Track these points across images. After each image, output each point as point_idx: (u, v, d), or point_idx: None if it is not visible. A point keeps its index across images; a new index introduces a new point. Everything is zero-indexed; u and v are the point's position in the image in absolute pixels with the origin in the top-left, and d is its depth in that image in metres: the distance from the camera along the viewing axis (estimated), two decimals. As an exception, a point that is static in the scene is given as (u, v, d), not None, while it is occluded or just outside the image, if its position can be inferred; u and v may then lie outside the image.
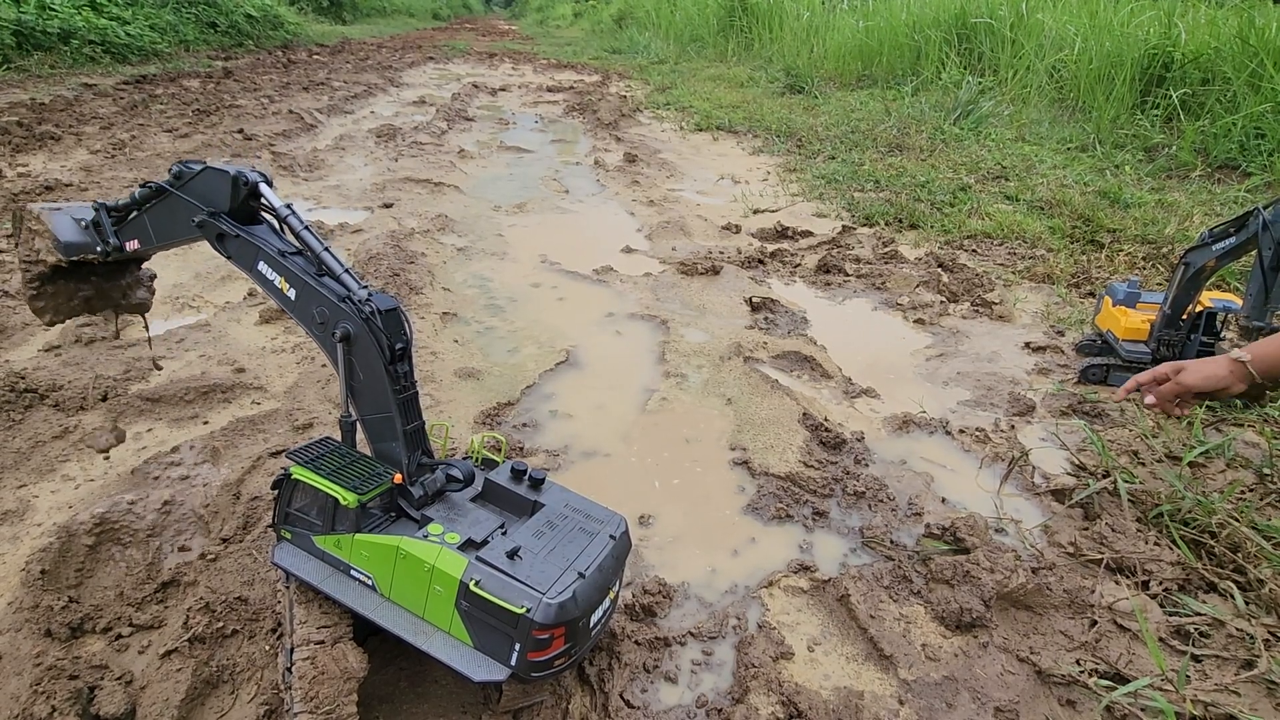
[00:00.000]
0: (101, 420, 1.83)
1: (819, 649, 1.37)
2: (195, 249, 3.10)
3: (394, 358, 1.14)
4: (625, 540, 1.20)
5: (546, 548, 1.10)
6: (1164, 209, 4.16)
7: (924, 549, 1.62)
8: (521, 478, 1.23)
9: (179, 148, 4.54)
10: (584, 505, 1.23)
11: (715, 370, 2.42)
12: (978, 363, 2.61)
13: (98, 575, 1.39)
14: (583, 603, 1.05)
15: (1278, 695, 1.23)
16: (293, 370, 2.17)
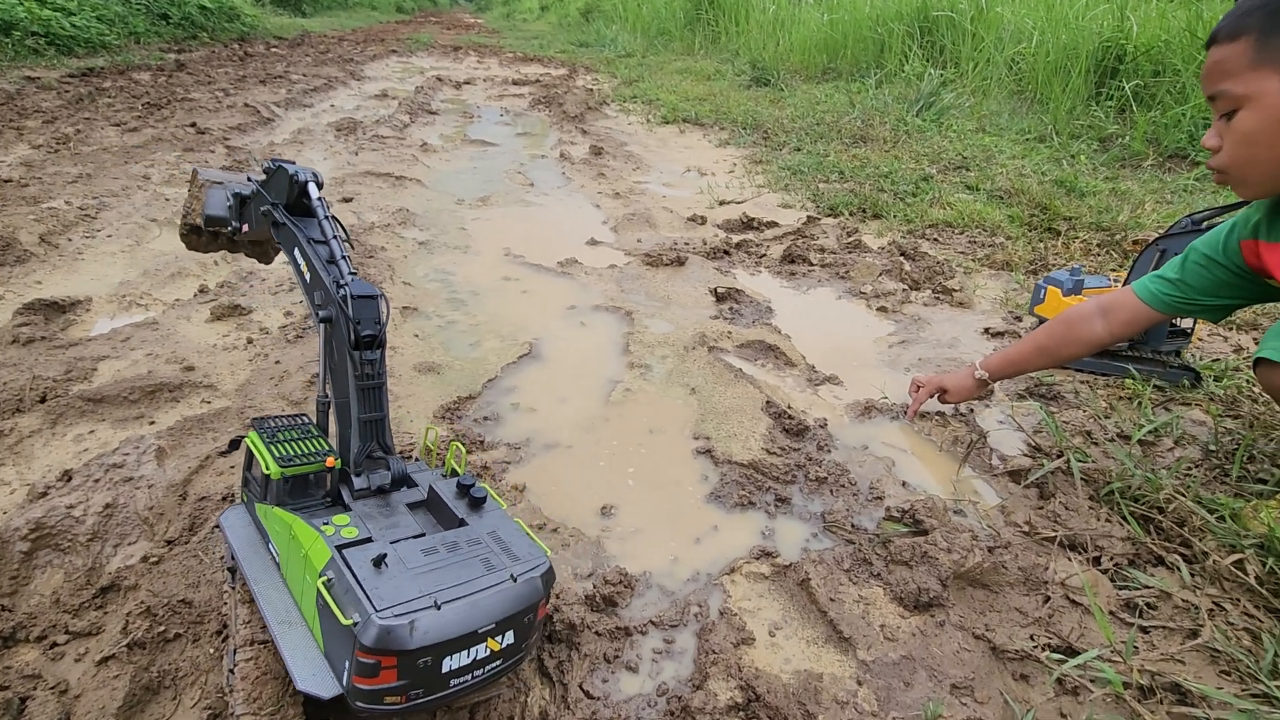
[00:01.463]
0: (39, 423, 1.76)
1: (780, 633, 1.38)
2: (142, 245, 3.00)
3: (360, 343, 1.14)
4: (533, 587, 1.01)
5: (425, 567, 0.99)
6: (1117, 197, 4.27)
7: (884, 532, 1.63)
8: (464, 493, 1.15)
9: (127, 142, 4.38)
10: (512, 537, 1.09)
11: (679, 360, 2.41)
12: (938, 349, 2.64)
13: (34, 582, 1.33)
14: (425, 637, 0.90)
15: (1220, 662, 1.27)
16: (245, 367, 2.11)
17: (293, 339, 2.27)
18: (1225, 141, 1.29)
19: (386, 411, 1.19)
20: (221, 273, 2.80)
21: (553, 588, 1.09)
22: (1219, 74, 1.26)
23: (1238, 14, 1.22)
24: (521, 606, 0.99)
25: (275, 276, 2.76)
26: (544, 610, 1.06)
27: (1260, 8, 1.19)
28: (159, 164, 4.04)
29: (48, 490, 1.47)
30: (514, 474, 1.80)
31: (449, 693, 0.96)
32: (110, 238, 3.01)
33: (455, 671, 0.94)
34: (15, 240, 2.71)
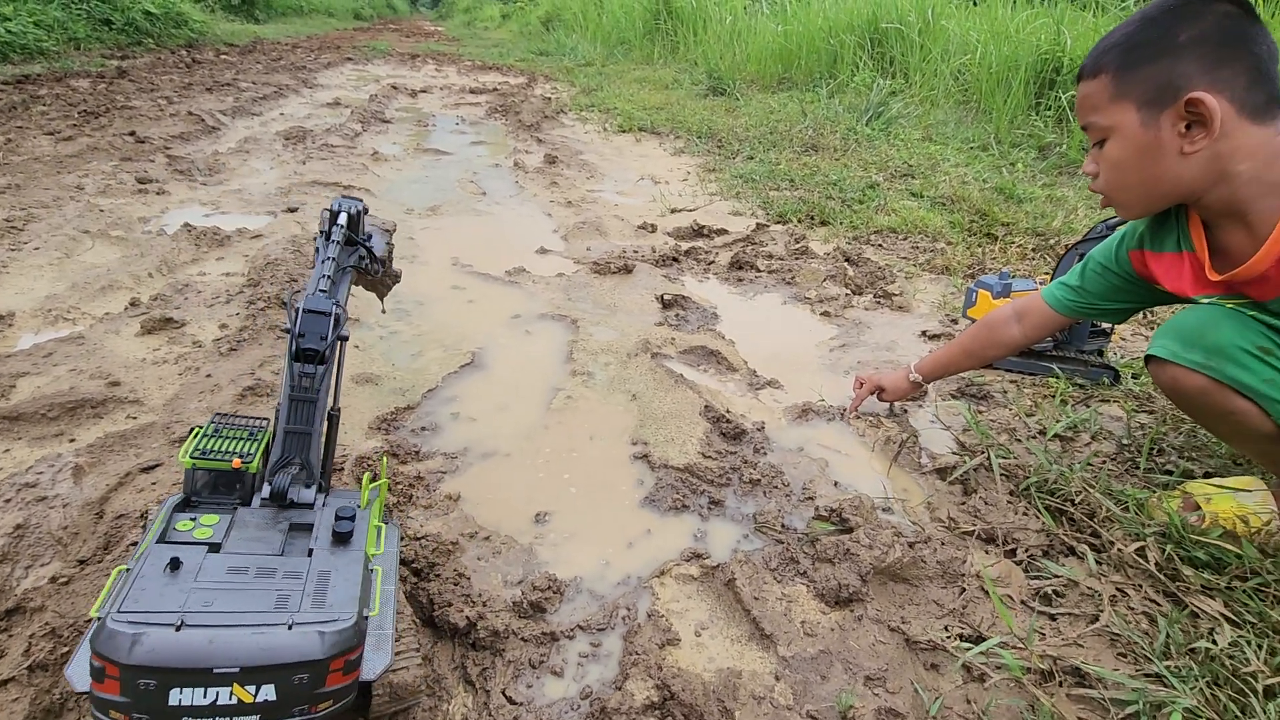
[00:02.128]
0: (-50, 442, 1.70)
1: (705, 633, 1.40)
2: (72, 258, 2.92)
3: (299, 355, 1.16)
4: (309, 642, 0.88)
5: (216, 585, 0.93)
6: (1053, 203, 4.44)
7: (812, 531, 1.67)
8: (338, 521, 1.08)
9: (60, 151, 4.25)
10: (341, 584, 0.98)
11: (622, 367, 2.43)
12: (877, 352, 2.71)
13: (-64, 608, 1.29)
14: (147, 655, 0.82)
15: (1119, 645, 1.33)
16: (174, 382, 2.07)
17: (226, 352, 2.23)
18: (1100, 168, 1.39)
19: (316, 429, 1.18)
20: (156, 285, 2.73)
21: (354, 652, 0.91)
22: (1087, 107, 1.36)
23: (1097, 52, 1.32)
24: (285, 659, 0.86)
25: (212, 288, 2.71)
26: (340, 677, 0.90)
27: (1115, 46, 1.29)
28: (94, 174, 3.93)
29: (-46, 512, 1.42)
30: (449, 483, 1.80)
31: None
32: (38, 250, 2.92)
33: (189, 709, 0.84)
34: (-66, 253, 2.62)
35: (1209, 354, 1.38)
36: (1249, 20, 1.23)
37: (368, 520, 1.13)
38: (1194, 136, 1.25)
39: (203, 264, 2.98)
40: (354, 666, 0.93)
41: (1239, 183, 1.26)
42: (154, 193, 3.82)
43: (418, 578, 1.42)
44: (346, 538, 1.07)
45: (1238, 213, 1.30)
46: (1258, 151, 1.23)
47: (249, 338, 2.31)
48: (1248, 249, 1.30)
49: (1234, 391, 1.37)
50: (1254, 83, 1.22)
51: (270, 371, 2.12)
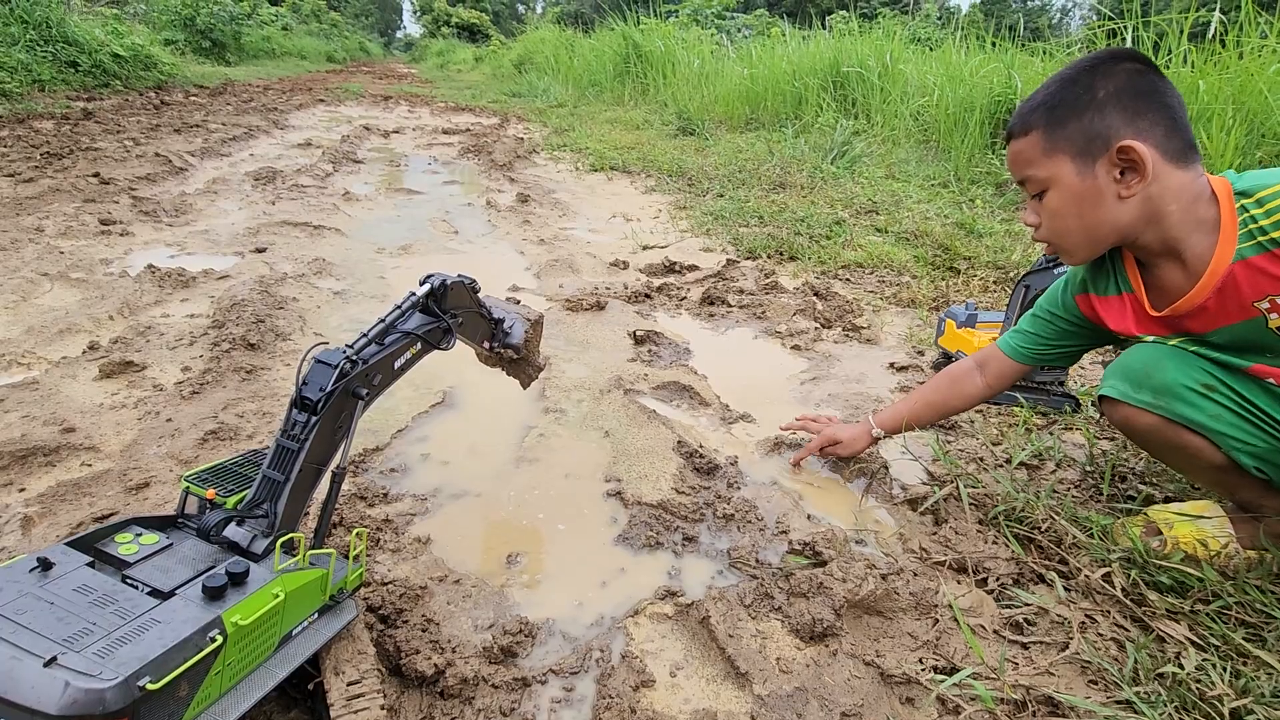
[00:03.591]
0: (-110, 495, 1.62)
1: (680, 673, 1.38)
2: (29, 301, 2.85)
3: (296, 401, 1.16)
4: (55, 690, 0.78)
5: (47, 596, 0.90)
6: (1011, 237, 4.59)
7: (786, 565, 1.67)
8: (213, 576, 0.99)
9: (20, 193, 4.18)
10: (158, 637, 0.88)
11: (595, 404, 2.43)
12: (847, 384, 2.75)
13: None
14: None
15: (1089, 672, 1.34)
16: (133, 427, 2.01)
17: (188, 395, 2.18)
18: (1042, 218, 1.46)
19: (289, 478, 1.15)
20: (116, 328, 2.67)
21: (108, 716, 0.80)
22: (1022, 163, 1.44)
23: (1024, 112, 1.41)
24: (17, 699, 0.78)
25: (175, 330, 2.66)
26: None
27: (1040, 105, 1.39)
28: (55, 215, 3.86)
29: (-110, 569, 1.35)
30: (419, 525, 1.76)
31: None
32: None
33: None
34: (-119, 298, 2.53)
35: (1157, 394, 1.44)
36: (1155, 74, 1.34)
37: (264, 586, 1.01)
38: (1129, 182, 1.33)
39: (166, 305, 2.93)
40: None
41: (1170, 222, 1.34)
42: (117, 234, 3.77)
43: (384, 624, 1.38)
44: (219, 593, 0.96)
45: (1172, 250, 1.37)
46: (1183, 193, 1.32)
47: (212, 380, 2.27)
48: (1183, 284, 1.37)
49: (1184, 428, 1.43)
50: (1171, 130, 1.31)
51: (234, 415, 2.08)
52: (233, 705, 0.95)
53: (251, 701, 0.97)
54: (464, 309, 1.59)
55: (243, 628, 0.95)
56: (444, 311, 1.49)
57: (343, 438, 1.24)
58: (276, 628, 1.03)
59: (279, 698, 1.19)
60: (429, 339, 1.44)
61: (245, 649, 0.97)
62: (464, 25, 39.27)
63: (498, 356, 1.91)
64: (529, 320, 1.87)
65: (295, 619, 1.07)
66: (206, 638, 0.92)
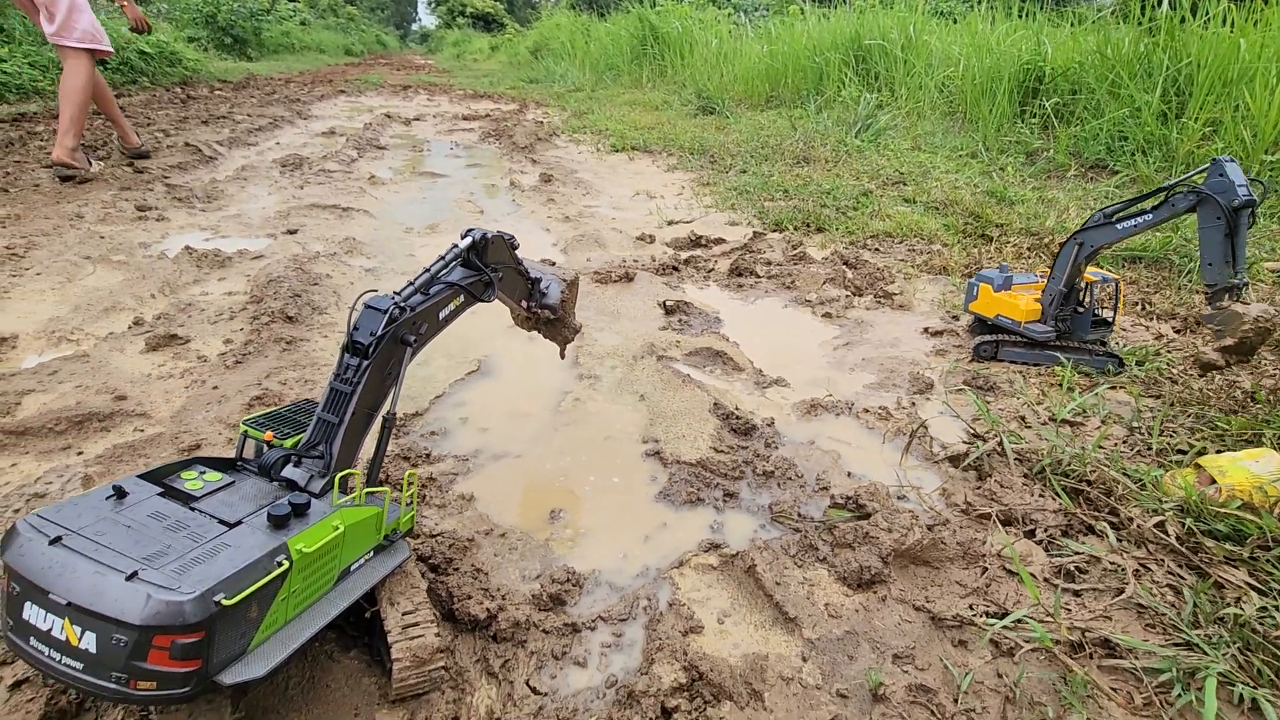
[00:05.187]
0: (-43, 457, 1.68)
1: (728, 620, 1.38)
2: (74, 282, 2.92)
3: (349, 346, 1.19)
4: (138, 601, 0.82)
5: (124, 520, 0.95)
6: (1044, 204, 4.50)
7: (829, 518, 1.66)
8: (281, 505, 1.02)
9: (60, 183, 4.27)
10: (228, 558, 0.91)
11: (628, 370, 2.43)
12: (881, 349, 2.72)
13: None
14: (14, 556, 0.87)
15: (1146, 617, 1.32)
16: (180, 395, 2.06)
17: (231, 365, 2.22)
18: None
19: (343, 420, 1.17)
20: (159, 305, 2.73)
21: (185, 635, 0.83)
22: None
23: None
24: (104, 610, 0.82)
25: (215, 306, 2.71)
26: (166, 659, 0.83)
27: None
28: (93, 203, 3.95)
29: (-38, 523, 1.40)
30: (462, 484, 1.79)
31: (29, 651, 0.86)
32: (40, 275, 2.92)
33: (34, 629, 0.85)
34: (-64, 280, 2.61)
35: None
36: None
37: (325, 518, 1.04)
38: None
39: (204, 284, 2.99)
40: (187, 654, 0.83)
41: None
42: (153, 219, 3.84)
43: (435, 573, 1.40)
44: (282, 521, 1.00)
45: None
46: None
47: (254, 351, 2.31)
48: None
49: None
50: None
51: (277, 382, 2.11)
52: (298, 632, 0.98)
53: (315, 629, 0.99)
54: (504, 265, 1.59)
55: (306, 555, 0.98)
56: (485, 265, 1.49)
57: (392, 384, 1.26)
58: (336, 560, 1.05)
59: (338, 637, 1.22)
60: (472, 291, 1.45)
61: (308, 578, 1.00)
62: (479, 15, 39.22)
63: (535, 317, 1.91)
64: (565, 281, 1.87)
65: (353, 554, 1.09)
66: (274, 562, 0.94)
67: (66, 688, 1.07)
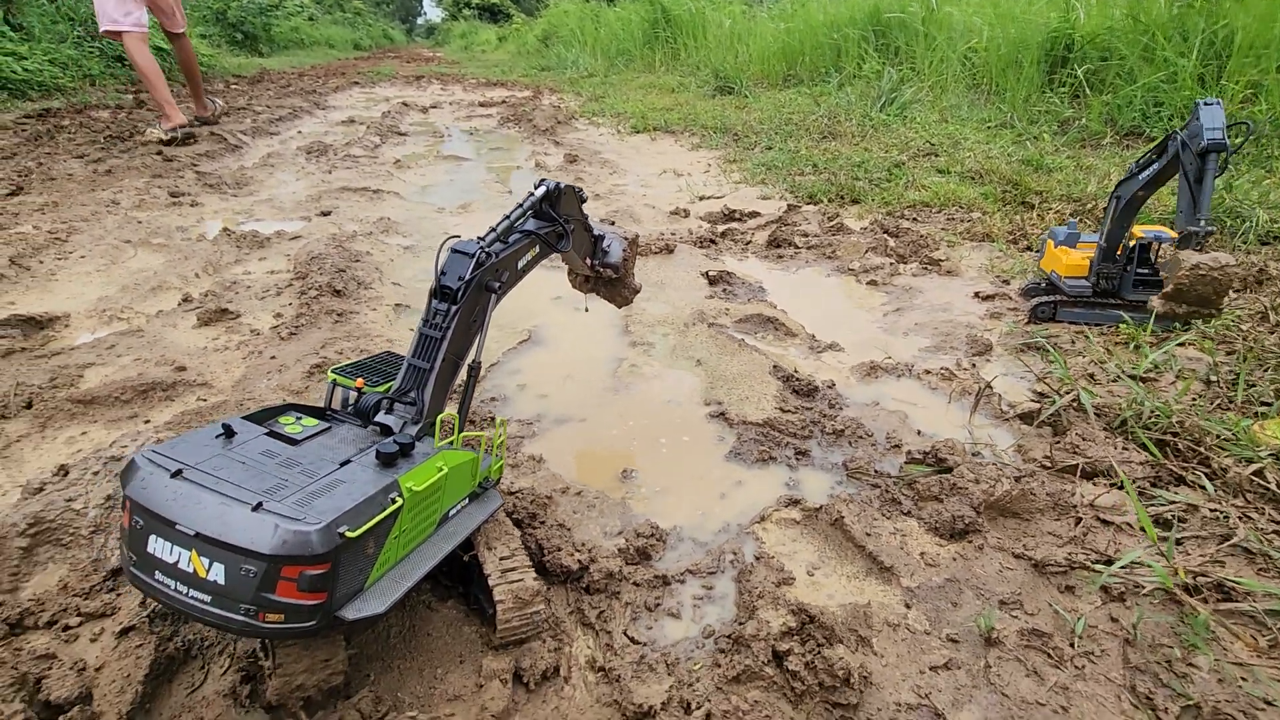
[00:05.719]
0: (27, 428, 1.68)
1: (818, 572, 1.35)
2: (118, 264, 2.92)
3: (437, 291, 1.17)
4: (266, 530, 0.81)
5: (237, 457, 0.94)
6: (1083, 171, 4.40)
7: (907, 474, 1.63)
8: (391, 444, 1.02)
9: (92, 171, 4.29)
10: (345, 492, 0.90)
11: (681, 336, 2.40)
12: (933, 313, 2.67)
13: (35, 576, 1.26)
14: (139, 489, 0.86)
15: (1257, 561, 1.27)
16: (239, 365, 2.05)
17: (286, 336, 2.21)
18: None
19: (434, 366, 1.15)
20: (204, 284, 2.73)
21: (312, 565, 0.82)
22: None
23: None
24: (233, 540, 0.81)
25: (260, 284, 2.70)
26: (294, 591, 0.82)
27: None
28: (127, 190, 3.95)
29: (43, 486, 1.40)
30: (530, 446, 1.76)
31: (154, 586, 0.85)
32: (84, 259, 2.93)
33: (159, 562, 0.84)
34: (-15, 262, 2.62)
35: None
36: None
37: (429, 459, 1.03)
38: None
39: (246, 264, 2.98)
40: (314, 586, 0.82)
41: None
42: (187, 204, 3.84)
43: (520, 528, 1.38)
44: (390, 460, 0.98)
45: None
46: None
47: (306, 323, 2.29)
48: None
49: None
50: None
51: (333, 351, 2.10)
52: (409, 571, 0.96)
53: (426, 568, 0.98)
54: (573, 218, 1.56)
55: (416, 493, 0.96)
56: (557, 216, 1.46)
57: (477, 331, 1.24)
58: (439, 502, 1.03)
59: (434, 588, 1.20)
60: (547, 240, 1.43)
61: (416, 517, 0.98)
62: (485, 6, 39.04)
63: (594, 277, 1.88)
64: (626, 239, 1.84)
65: (452, 499, 1.07)
66: (388, 498, 0.93)
67: (179, 625, 1.07)
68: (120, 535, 0.89)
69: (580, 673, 1.12)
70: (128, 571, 0.88)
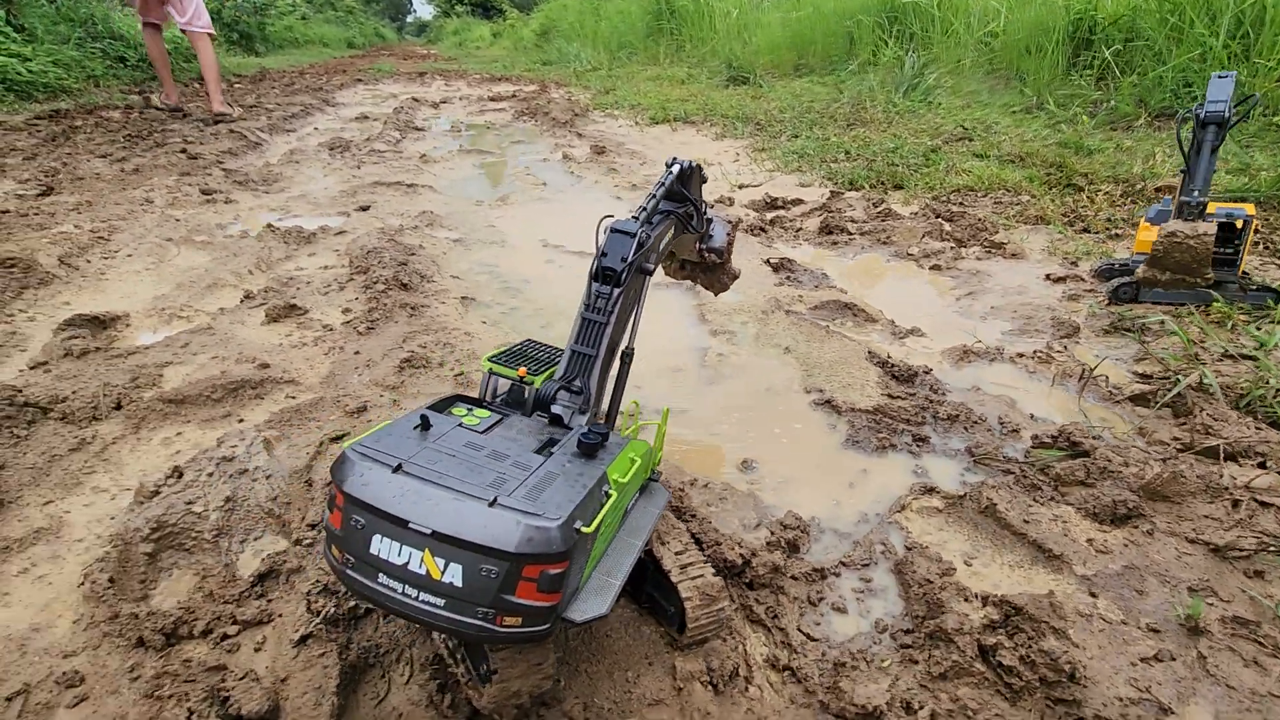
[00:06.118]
0: (120, 429, 1.61)
1: (976, 561, 1.30)
2: (165, 263, 2.84)
3: (599, 274, 1.11)
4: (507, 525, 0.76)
5: (444, 450, 0.87)
6: (1123, 153, 4.35)
7: (1038, 458, 1.57)
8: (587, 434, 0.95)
9: (119, 170, 4.19)
10: (565, 485, 0.84)
11: (761, 324, 2.34)
12: (1007, 296, 2.62)
13: (161, 583, 1.19)
14: (365, 490, 0.79)
15: None
16: (322, 361, 1.98)
17: (364, 331, 2.14)
18: None
19: (599, 352, 1.09)
20: (259, 280, 2.65)
21: (553, 564, 0.77)
22: None
23: None
24: (475, 538, 0.75)
25: (319, 279, 2.63)
26: (534, 592, 0.77)
27: None
28: (158, 188, 3.86)
29: (159, 489, 1.33)
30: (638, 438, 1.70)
31: (375, 590, 0.79)
32: (130, 257, 2.84)
33: (384, 564, 0.78)
34: (35, 262, 2.53)
35: None
36: None
37: (623, 449, 0.99)
38: None
39: (296, 259, 2.90)
40: (553, 586, 0.77)
41: None
42: (221, 202, 3.76)
43: (666, 522, 1.32)
44: (592, 450, 0.93)
45: None
46: None
47: (381, 318, 2.23)
48: None
49: None
50: None
51: (417, 345, 2.03)
52: (612, 569, 0.91)
53: (628, 566, 0.93)
54: (696, 200, 1.50)
55: (621, 485, 0.91)
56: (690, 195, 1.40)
57: (628, 317, 1.18)
58: (627, 495, 0.97)
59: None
60: (682, 220, 1.36)
61: (615, 511, 0.92)
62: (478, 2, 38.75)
63: (695, 264, 1.82)
64: (730, 223, 1.78)
65: (631, 493, 1.02)
66: (603, 491, 0.87)
67: (353, 633, 1.00)
68: (329, 536, 0.83)
69: (761, 672, 1.07)
70: (342, 575, 0.81)
